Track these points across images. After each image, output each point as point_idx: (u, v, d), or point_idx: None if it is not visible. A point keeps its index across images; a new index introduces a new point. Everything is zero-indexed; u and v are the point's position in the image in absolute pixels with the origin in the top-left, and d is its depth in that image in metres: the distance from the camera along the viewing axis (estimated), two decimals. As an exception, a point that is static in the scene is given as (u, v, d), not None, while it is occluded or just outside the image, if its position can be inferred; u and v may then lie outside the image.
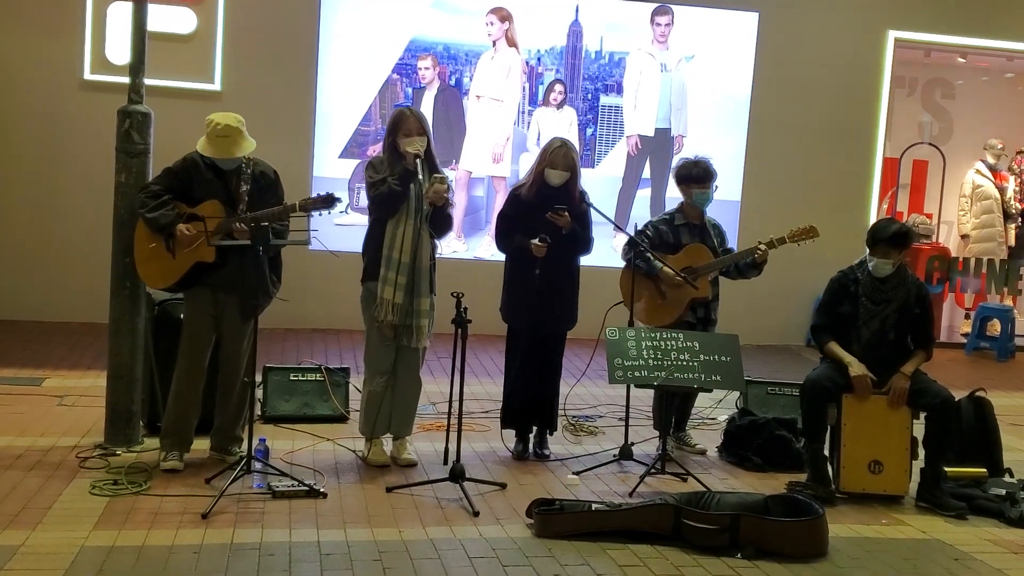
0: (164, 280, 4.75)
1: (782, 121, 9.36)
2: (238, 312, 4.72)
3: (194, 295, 4.76)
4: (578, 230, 5.12)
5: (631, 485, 4.82)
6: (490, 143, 8.97)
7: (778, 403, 5.91)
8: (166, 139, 5.23)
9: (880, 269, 4.91)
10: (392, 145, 4.88)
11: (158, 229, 4.63)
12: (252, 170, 4.72)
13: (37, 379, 6.31)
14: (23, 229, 8.29)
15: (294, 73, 8.57)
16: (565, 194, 5.09)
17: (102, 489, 4.36)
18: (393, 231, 4.82)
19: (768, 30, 9.29)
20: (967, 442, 5.22)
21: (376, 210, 4.89)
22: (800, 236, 5.32)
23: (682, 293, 5.32)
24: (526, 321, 5.16)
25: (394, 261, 4.82)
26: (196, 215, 4.64)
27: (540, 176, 5.12)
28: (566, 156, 5.09)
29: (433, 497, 4.55)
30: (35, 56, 8.19)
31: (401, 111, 4.98)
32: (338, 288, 7.77)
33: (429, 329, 4.96)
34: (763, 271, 5.45)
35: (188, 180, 4.69)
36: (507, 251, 5.25)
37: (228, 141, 4.61)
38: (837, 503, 4.79)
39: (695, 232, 5.45)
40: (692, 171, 5.38)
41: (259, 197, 4.69)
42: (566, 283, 5.22)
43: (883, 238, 4.89)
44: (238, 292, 4.70)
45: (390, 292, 4.81)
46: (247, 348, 4.79)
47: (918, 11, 9.57)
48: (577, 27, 9.07)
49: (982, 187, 10.33)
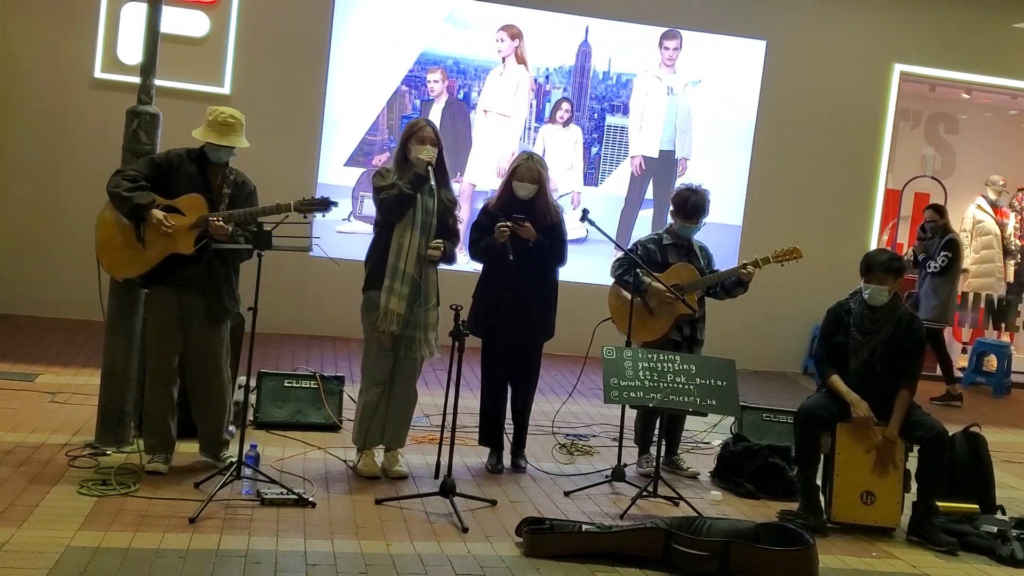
0: (133, 269, 4.61)
1: (786, 149, 9.40)
2: (206, 316, 4.67)
3: (158, 295, 4.68)
4: (544, 242, 5.12)
5: (623, 507, 4.80)
6: (495, 157, 8.99)
7: (773, 430, 5.89)
8: (173, 140, 5.22)
9: (876, 297, 4.90)
10: (403, 152, 4.90)
11: (131, 210, 4.48)
12: (234, 177, 4.72)
13: (31, 375, 6.29)
14: (24, 223, 8.29)
15: (304, 79, 8.60)
16: (531, 206, 5.11)
17: (90, 489, 4.34)
18: (399, 241, 4.83)
19: (775, 58, 9.34)
20: (960, 477, 5.22)
21: (383, 213, 4.88)
22: (784, 256, 5.37)
23: (670, 309, 5.36)
24: (491, 332, 5.17)
25: (399, 271, 4.81)
26: (174, 207, 4.57)
27: (508, 189, 5.18)
28: (530, 169, 5.13)
29: (422, 511, 4.53)
30: (47, 52, 8.22)
31: (417, 120, 5.03)
32: (337, 295, 7.78)
33: (436, 341, 4.95)
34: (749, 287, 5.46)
35: (169, 173, 4.62)
36: (480, 254, 5.26)
37: (229, 129, 4.61)
38: (828, 533, 4.77)
39: (682, 252, 5.51)
40: (684, 205, 5.43)
41: (237, 205, 4.67)
42: (537, 295, 5.22)
43: (877, 264, 4.89)
44: (204, 295, 4.65)
45: (393, 302, 4.80)
46: (223, 352, 4.76)
47: (924, 46, 9.63)
48: (586, 47, 9.11)
49: (983, 222, 10.36)
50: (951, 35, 9.67)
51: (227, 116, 4.62)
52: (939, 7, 9.59)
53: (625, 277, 5.35)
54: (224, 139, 4.61)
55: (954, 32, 9.67)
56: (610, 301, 5.56)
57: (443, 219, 4.92)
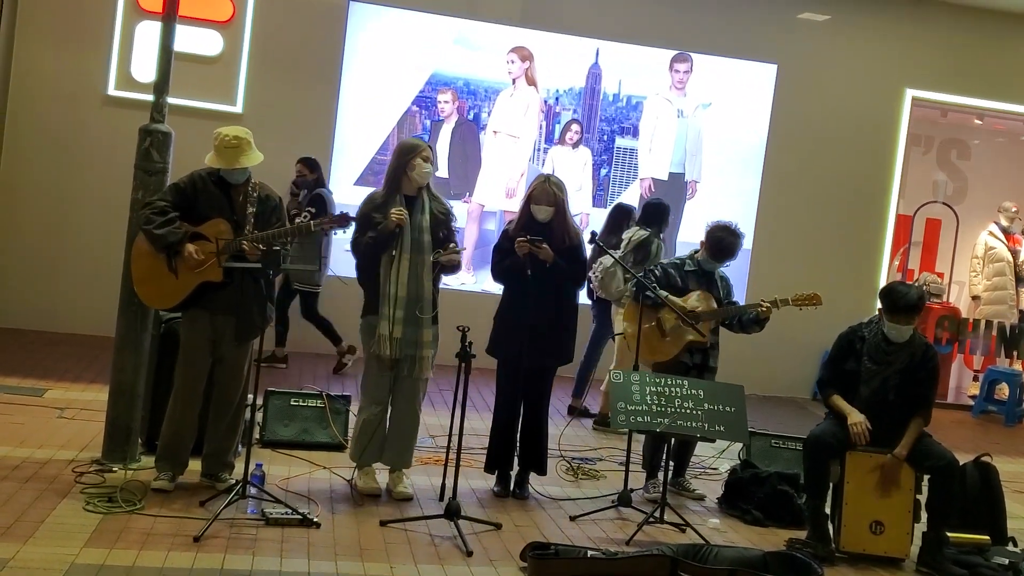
0: (167, 300, 4.70)
1: (796, 173, 9.38)
2: (234, 334, 4.68)
3: (192, 318, 4.70)
4: (561, 264, 5.10)
5: (629, 533, 4.77)
6: (504, 178, 9.00)
7: (781, 456, 5.84)
8: (185, 159, 5.25)
9: (901, 335, 4.83)
10: (396, 173, 4.91)
11: (165, 247, 4.57)
12: (258, 193, 4.71)
13: (39, 389, 6.30)
14: (37, 238, 8.34)
15: (315, 99, 8.65)
16: (550, 229, 5.11)
17: (96, 506, 4.33)
18: (388, 266, 4.83)
19: (786, 82, 9.34)
20: (971, 507, 5.14)
21: (358, 256, 4.93)
22: (803, 302, 5.39)
23: (682, 334, 5.35)
24: (507, 353, 5.14)
25: (393, 297, 4.81)
26: (200, 234, 4.60)
27: (527, 212, 5.18)
28: (547, 192, 5.13)
29: (427, 533, 4.50)
30: (61, 69, 8.29)
31: (418, 140, 5.03)
32: (344, 314, 7.77)
33: (432, 359, 4.94)
34: (765, 326, 5.45)
35: (194, 197, 4.65)
36: (501, 275, 5.24)
37: (236, 151, 4.61)
38: (837, 563, 4.72)
39: (703, 280, 5.48)
40: (718, 245, 5.40)
41: (263, 220, 4.67)
42: (558, 316, 5.19)
43: (905, 306, 4.77)
44: (235, 314, 4.66)
45: (387, 327, 4.81)
46: (245, 371, 4.76)
47: (936, 71, 9.62)
48: (596, 69, 9.13)
49: (995, 249, 10.30)
50: (963, 61, 9.66)
51: (231, 139, 4.61)
52: (951, 32, 9.59)
53: (645, 293, 5.33)
54: (233, 163, 4.62)
55: (966, 58, 9.67)
56: (624, 315, 5.53)
57: (437, 232, 4.92)
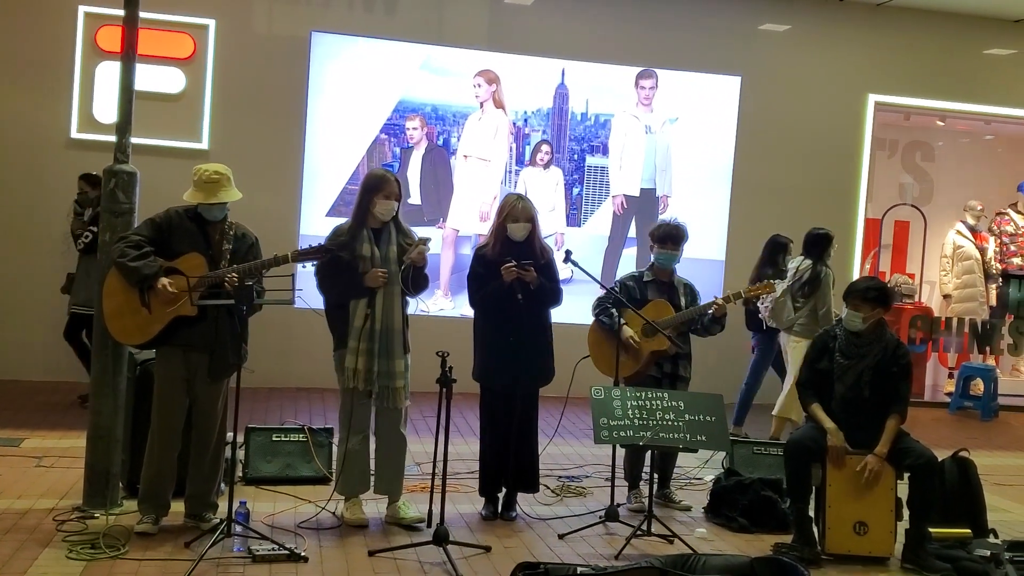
0: (141, 336, 4.64)
1: (765, 182, 9.49)
2: (207, 371, 4.65)
3: (165, 356, 4.66)
4: (545, 283, 5.14)
5: (617, 547, 4.77)
6: (477, 202, 9.04)
7: (764, 463, 5.89)
8: (152, 198, 5.23)
9: (850, 322, 4.97)
10: (361, 207, 4.92)
11: (139, 280, 4.51)
12: (234, 231, 4.71)
13: (15, 440, 6.22)
14: (2, 286, 8.25)
15: (282, 132, 8.65)
16: (528, 247, 5.14)
17: (79, 553, 4.28)
18: (356, 301, 4.84)
19: (750, 93, 9.46)
20: (951, 502, 5.21)
21: (324, 295, 4.94)
22: (756, 291, 5.60)
23: (642, 346, 5.41)
24: (504, 380, 5.14)
25: (361, 330, 4.82)
26: (175, 268, 4.57)
27: (502, 232, 5.17)
28: (524, 208, 5.16)
29: (416, 561, 4.48)
30: (23, 113, 8.25)
31: (384, 174, 5.02)
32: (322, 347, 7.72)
33: (406, 389, 4.94)
34: (725, 324, 5.50)
35: (169, 232, 4.63)
36: (482, 303, 5.23)
37: (216, 186, 4.61)
38: (823, 565, 4.75)
39: (663, 289, 5.56)
40: (658, 232, 5.60)
41: (239, 258, 4.66)
42: (540, 337, 5.22)
43: (854, 291, 5.01)
44: (209, 351, 4.63)
45: (354, 361, 4.82)
46: (221, 409, 4.72)
47: (898, 75, 9.79)
48: (563, 89, 9.21)
49: (963, 248, 10.45)
50: (924, 64, 9.84)
51: (211, 173, 4.62)
52: (910, 37, 9.76)
53: (601, 317, 5.47)
54: (212, 197, 4.61)
55: (927, 61, 9.84)
56: (589, 338, 5.59)
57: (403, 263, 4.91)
